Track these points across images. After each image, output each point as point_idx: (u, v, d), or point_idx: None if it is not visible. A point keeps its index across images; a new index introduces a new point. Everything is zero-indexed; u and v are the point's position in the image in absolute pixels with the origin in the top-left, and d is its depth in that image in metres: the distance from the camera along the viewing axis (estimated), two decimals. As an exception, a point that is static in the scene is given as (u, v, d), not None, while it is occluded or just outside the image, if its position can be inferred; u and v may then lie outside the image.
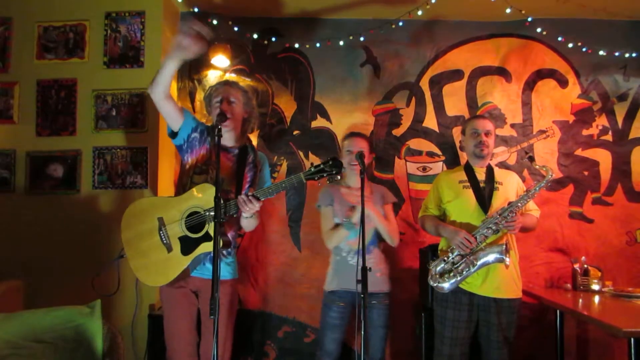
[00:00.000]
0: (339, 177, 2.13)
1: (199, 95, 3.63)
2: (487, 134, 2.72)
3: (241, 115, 2.43)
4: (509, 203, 2.55)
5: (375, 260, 2.76)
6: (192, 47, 2.09)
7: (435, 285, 2.61)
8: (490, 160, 2.81)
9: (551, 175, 2.59)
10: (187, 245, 2.19)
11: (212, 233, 2.15)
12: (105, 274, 2.93)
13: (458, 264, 2.54)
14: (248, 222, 2.38)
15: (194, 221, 2.20)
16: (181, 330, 2.29)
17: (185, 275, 2.25)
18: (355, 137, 2.91)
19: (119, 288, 2.84)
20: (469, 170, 2.74)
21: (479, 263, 2.51)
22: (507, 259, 2.46)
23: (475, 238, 2.53)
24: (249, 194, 2.15)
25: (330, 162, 2.08)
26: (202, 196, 2.20)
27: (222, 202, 2.17)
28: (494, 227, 2.53)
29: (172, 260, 2.19)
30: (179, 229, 2.21)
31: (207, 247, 2.18)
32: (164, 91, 2.23)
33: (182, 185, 2.33)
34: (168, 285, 2.24)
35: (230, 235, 2.36)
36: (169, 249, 2.20)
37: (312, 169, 2.10)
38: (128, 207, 2.31)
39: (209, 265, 2.26)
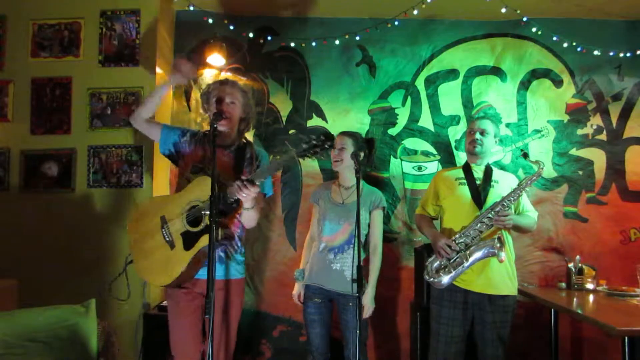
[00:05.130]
0: (344, 138, 2.07)
1: (195, 94, 3.61)
2: (482, 133, 2.75)
3: (239, 116, 2.42)
4: (502, 197, 2.57)
5: (348, 261, 2.70)
6: (188, 70, 2.30)
7: (431, 280, 2.62)
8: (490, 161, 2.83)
9: (542, 169, 2.60)
10: (189, 240, 2.16)
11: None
12: (104, 282, 2.91)
13: (453, 259, 2.56)
14: (248, 216, 2.31)
15: (193, 215, 2.18)
16: (187, 336, 2.26)
17: (193, 278, 2.22)
18: (340, 135, 2.87)
19: (129, 295, 2.71)
20: (467, 168, 2.77)
21: (471, 258, 2.53)
22: (502, 254, 2.47)
23: (456, 243, 2.56)
24: (243, 178, 2.09)
25: (322, 137, 2.00)
26: (200, 189, 2.17)
27: (219, 193, 2.17)
28: (487, 222, 2.55)
29: (175, 257, 2.16)
30: (181, 225, 2.18)
31: (207, 239, 2.13)
32: (148, 116, 2.39)
33: (179, 188, 2.32)
34: (177, 288, 2.22)
35: (237, 231, 2.35)
36: (172, 245, 2.17)
37: (304, 145, 2.03)
38: (132, 211, 2.31)
39: (219, 265, 2.25)
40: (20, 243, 3.24)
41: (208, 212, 2.06)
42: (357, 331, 2.13)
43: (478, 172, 2.75)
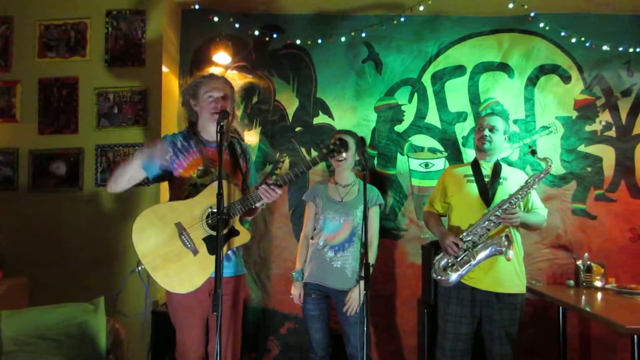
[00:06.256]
0: (344, 154, 2.28)
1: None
2: (491, 129, 2.73)
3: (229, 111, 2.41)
4: (509, 195, 2.56)
5: (349, 259, 2.75)
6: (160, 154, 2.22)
7: (438, 278, 2.62)
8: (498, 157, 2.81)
9: (550, 166, 2.59)
10: (214, 245, 2.16)
11: (237, 227, 2.21)
12: (112, 280, 2.92)
13: (461, 257, 2.55)
14: (255, 212, 2.41)
15: (215, 218, 2.17)
16: (194, 331, 2.28)
17: None
18: (337, 133, 2.91)
19: (121, 290, 2.68)
20: (475, 165, 2.75)
21: (478, 257, 2.52)
22: (510, 252, 2.46)
23: (464, 242, 2.55)
24: (270, 182, 2.15)
25: (338, 142, 2.16)
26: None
27: (241, 197, 2.21)
28: (494, 220, 2.53)
29: (201, 263, 2.17)
30: (202, 230, 2.19)
31: (234, 242, 2.22)
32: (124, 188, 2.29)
33: (182, 193, 2.28)
34: None
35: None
36: (195, 252, 2.17)
37: (324, 150, 2.17)
38: (136, 220, 2.20)
39: (226, 263, 2.25)
40: (29, 242, 3.27)
41: (234, 216, 2.18)
42: (365, 328, 2.15)
43: (486, 169, 2.73)
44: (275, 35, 3.63)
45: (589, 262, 3.26)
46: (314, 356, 2.80)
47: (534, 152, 2.68)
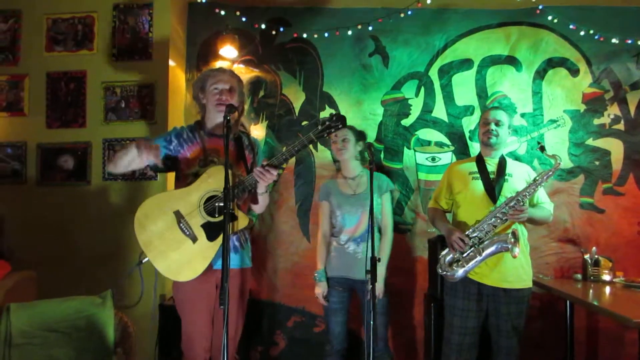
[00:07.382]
0: (345, 130, 2.12)
1: (207, 87, 3.62)
2: (496, 123, 2.71)
3: (236, 104, 2.42)
4: (517, 192, 2.55)
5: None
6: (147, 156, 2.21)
7: (444, 274, 2.62)
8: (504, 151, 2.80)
9: (559, 163, 2.58)
10: (212, 231, 2.18)
11: (235, 212, 2.19)
12: (120, 273, 2.94)
13: (467, 253, 2.55)
14: (262, 200, 2.36)
15: (212, 205, 2.19)
16: (201, 324, 2.30)
17: (208, 268, 2.22)
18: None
19: (141, 297, 2.50)
20: (480, 160, 2.74)
21: (484, 253, 2.52)
22: (516, 249, 2.46)
23: (470, 238, 2.54)
24: (264, 164, 2.15)
25: (334, 118, 2.11)
26: (215, 179, 2.19)
27: (236, 181, 2.20)
28: (501, 217, 2.53)
29: (200, 250, 2.18)
30: (200, 217, 2.19)
31: (232, 227, 2.19)
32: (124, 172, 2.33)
33: (186, 183, 2.30)
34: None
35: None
36: (194, 239, 2.18)
37: (320, 127, 2.13)
38: (138, 210, 2.22)
39: (232, 255, 2.27)
40: (38, 235, 3.29)
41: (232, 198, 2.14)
42: (371, 322, 2.18)
43: (491, 165, 2.72)
44: (281, 29, 3.63)
45: (596, 256, 3.24)
46: (331, 349, 2.83)
47: (542, 149, 2.67)
